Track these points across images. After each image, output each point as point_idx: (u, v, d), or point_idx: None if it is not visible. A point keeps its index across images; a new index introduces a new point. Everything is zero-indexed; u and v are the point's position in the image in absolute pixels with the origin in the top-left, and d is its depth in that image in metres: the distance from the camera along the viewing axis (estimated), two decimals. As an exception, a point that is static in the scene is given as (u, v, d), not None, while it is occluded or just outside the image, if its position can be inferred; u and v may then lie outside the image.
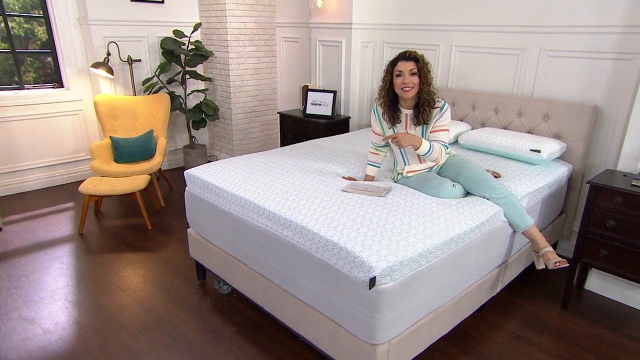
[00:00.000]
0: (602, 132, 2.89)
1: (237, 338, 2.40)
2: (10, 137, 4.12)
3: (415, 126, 2.42)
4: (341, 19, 3.89)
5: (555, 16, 2.95)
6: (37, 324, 2.47)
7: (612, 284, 2.74)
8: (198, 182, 2.57)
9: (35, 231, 3.54)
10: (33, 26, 4.28)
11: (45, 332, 2.41)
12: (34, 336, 2.38)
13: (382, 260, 1.68)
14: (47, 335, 2.38)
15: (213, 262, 2.66)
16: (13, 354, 2.24)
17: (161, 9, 4.59)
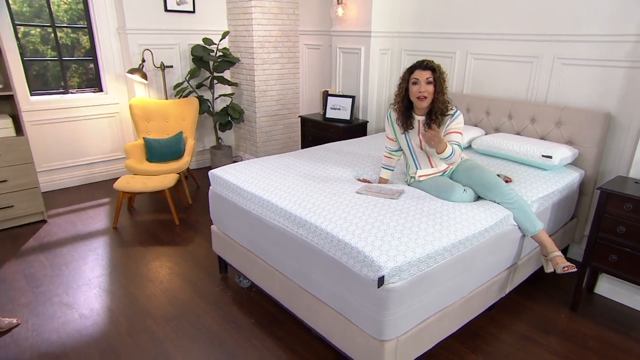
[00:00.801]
0: (615, 138, 2.80)
1: (255, 329, 2.43)
2: (55, 137, 4.27)
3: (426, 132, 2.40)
4: (361, 27, 3.88)
5: (569, 25, 2.87)
6: (75, 309, 2.56)
7: (623, 289, 2.65)
8: (221, 182, 2.61)
9: (75, 224, 3.66)
10: (78, 35, 4.42)
11: (81, 317, 2.49)
12: (72, 320, 2.47)
13: (391, 260, 1.68)
14: (83, 320, 2.47)
15: (234, 257, 2.70)
16: (54, 336, 2.34)
17: (192, 18, 4.67)
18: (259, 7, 4.59)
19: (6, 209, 3.42)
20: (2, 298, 2.64)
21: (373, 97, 4.07)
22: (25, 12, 4.10)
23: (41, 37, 4.29)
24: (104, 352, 2.23)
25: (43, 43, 4.34)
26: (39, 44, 4.32)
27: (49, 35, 4.27)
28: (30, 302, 2.61)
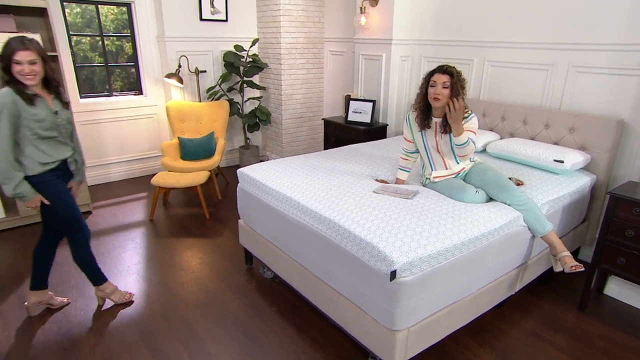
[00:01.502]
0: (628, 145, 2.75)
1: (277, 317, 2.51)
2: (99, 136, 4.49)
3: (442, 134, 2.43)
4: (382, 35, 3.92)
5: (584, 34, 2.84)
6: (114, 293, 2.72)
7: (632, 291, 2.62)
8: (249, 179, 2.71)
9: (116, 215, 3.85)
10: (122, 43, 4.63)
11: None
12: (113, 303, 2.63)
13: (403, 255, 1.73)
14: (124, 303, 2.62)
15: (259, 250, 2.79)
16: (98, 315, 2.49)
17: (225, 26, 4.81)
18: (287, 16, 4.68)
19: (56, 201, 3.63)
20: (55, 279, 2.82)
21: (393, 102, 4.10)
22: (77, 22, 4.32)
23: (90, 45, 4.51)
24: (141, 332, 2.36)
25: (92, 50, 4.56)
26: (88, 51, 4.54)
27: (97, 43, 4.48)
28: (78, 284, 2.78)
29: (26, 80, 2.04)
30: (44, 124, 2.13)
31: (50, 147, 2.21)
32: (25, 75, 2.03)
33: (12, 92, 2.04)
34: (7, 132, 2.03)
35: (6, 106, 2.01)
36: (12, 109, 2.03)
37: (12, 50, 2.00)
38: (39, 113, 2.10)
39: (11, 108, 2.02)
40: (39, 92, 2.14)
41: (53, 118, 2.17)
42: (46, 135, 2.16)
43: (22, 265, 3.01)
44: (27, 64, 2.01)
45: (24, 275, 2.87)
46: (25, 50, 2.01)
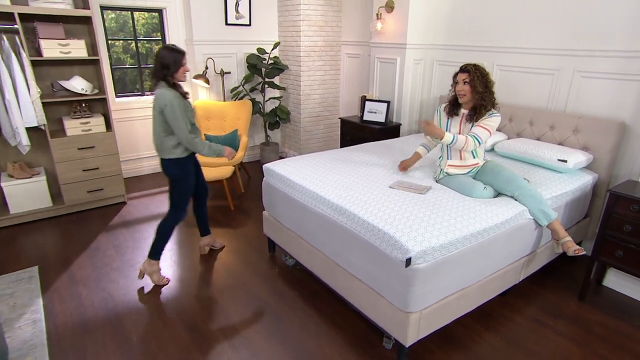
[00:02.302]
0: (629, 146, 2.82)
1: (298, 301, 2.65)
2: (132, 132, 4.67)
3: (468, 122, 2.54)
4: (397, 39, 4.00)
5: (589, 41, 2.91)
6: (151, 276, 2.89)
7: (629, 282, 2.70)
8: (273, 174, 2.84)
9: (148, 206, 4.02)
10: (152, 45, 4.79)
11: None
12: (151, 283, 2.79)
13: (418, 244, 1.85)
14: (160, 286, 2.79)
15: (282, 239, 2.93)
16: (138, 294, 2.66)
17: (248, 30, 4.93)
18: (307, 21, 4.79)
19: (98, 192, 3.82)
20: (99, 262, 3.01)
21: (406, 103, 4.19)
22: (112, 27, 4.49)
23: (122, 47, 4.68)
24: (178, 311, 2.53)
25: (124, 52, 4.73)
26: (121, 53, 4.72)
27: (129, 45, 4.65)
28: (119, 267, 2.97)
29: (185, 78, 2.54)
30: (191, 113, 2.58)
31: (196, 133, 2.65)
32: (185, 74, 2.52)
33: (173, 90, 2.46)
34: (184, 119, 2.47)
35: (176, 100, 2.44)
36: (180, 103, 2.46)
37: (180, 56, 2.45)
38: (189, 105, 2.56)
39: (180, 102, 2.46)
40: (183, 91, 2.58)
41: (193, 110, 2.61)
42: (192, 122, 2.60)
43: (70, 248, 3.20)
44: (187, 64, 2.51)
45: (72, 258, 3.07)
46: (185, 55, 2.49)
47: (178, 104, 2.44)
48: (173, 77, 2.47)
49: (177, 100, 2.44)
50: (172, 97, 2.43)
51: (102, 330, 2.34)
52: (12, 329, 2.30)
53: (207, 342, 2.27)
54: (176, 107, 2.43)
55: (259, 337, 2.32)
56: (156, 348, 2.22)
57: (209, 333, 2.34)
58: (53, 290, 2.69)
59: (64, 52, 3.46)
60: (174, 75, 2.46)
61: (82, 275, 2.86)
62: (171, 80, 2.47)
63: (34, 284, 2.72)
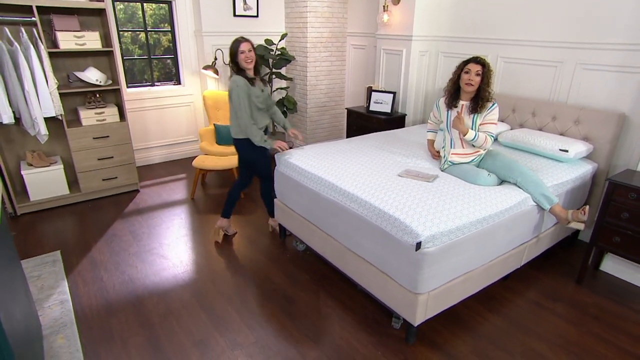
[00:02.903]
0: (628, 136, 2.90)
1: (310, 284, 2.76)
2: (143, 122, 4.75)
3: (469, 114, 2.63)
4: (403, 31, 4.05)
5: (590, 34, 2.97)
6: (169, 260, 3.00)
7: (625, 267, 2.81)
8: (286, 163, 2.93)
9: (160, 194, 4.12)
10: (159, 36, 4.84)
11: (175, 266, 2.92)
12: (168, 267, 2.90)
13: (427, 229, 1.95)
14: (176, 268, 2.89)
15: (293, 225, 3.03)
16: (157, 278, 2.77)
17: (256, 21, 4.97)
18: (313, 12, 4.82)
19: (112, 180, 3.92)
20: (117, 248, 3.12)
21: (412, 93, 4.26)
22: (121, 18, 4.53)
23: (131, 38, 4.73)
24: (195, 293, 2.64)
25: (132, 43, 4.78)
26: (129, 44, 4.76)
27: (137, 36, 4.70)
28: (136, 252, 3.07)
29: (247, 64, 2.75)
30: (259, 99, 2.83)
31: (260, 116, 2.91)
32: (246, 60, 2.73)
33: (241, 77, 2.75)
34: (246, 104, 2.76)
35: (240, 85, 2.72)
36: (245, 89, 2.73)
37: (238, 44, 2.73)
38: (256, 91, 2.81)
39: (244, 88, 2.73)
40: (252, 75, 2.83)
41: (262, 94, 2.88)
42: (260, 107, 2.87)
43: (89, 234, 3.31)
44: (247, 52, 2.73)
45: (91, 243, 3.18)
46: (246, 42, 2.76)
47: (242, 89, 2.72)
48: (238, 65, 2.75)
49: (241, 85, 2.72)
50: (237, 82, 2.72)
51: (124, 311, 2.46)
52: (42, 308, 2.42)
53: (225, 322, 2.39)
54: (239, 91, 2.72)
55: (272, 318, 2.43)
56: (177, 327, 2.34)
57: (226, 313, 2.46)
58: (76, 273, 2.81)
59: (79, 43, 3.52)
60: (238, 63, 2.74)
61: (101, 259, 2.97)
62: (235, 68, 2.77)
63: (58, 267, 2.83)
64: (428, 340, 2.26)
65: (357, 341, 2.26)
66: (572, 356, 2.17)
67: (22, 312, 1.80)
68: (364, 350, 2.20)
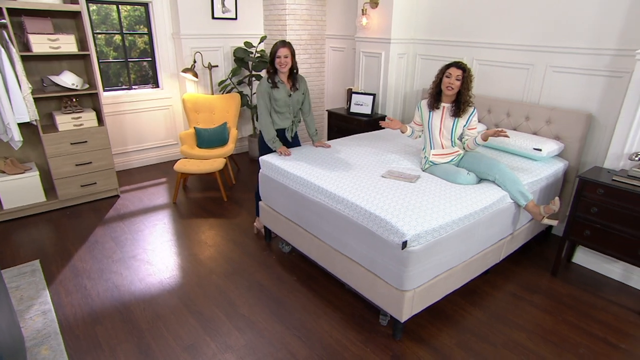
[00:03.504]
0: (595, 135, 3.07)
1: (297, 284, 2.80)
2: (121, 126, 4.66)
3: (450, 117, 2.73)
4: (381, 34, 4.14)
5: (559, 39, 3.12)
6: (154, 265, 2.97)
7: (594, 258, 2.97)
8: (270, 166, 2.95)
9: (142, 199, 4.07)
10: (134, 38, 4.75)
11: (160, 271, 2.90)
12: (153, 273, 2.88)
13: (412, 229, 2.02)
14: (162, 274, 2.87)
15: (278, 227, 3.06)
16: (143, 284, 2.75)
17: (234, 24, 4.97)
18: (292, 15, 4.86)
19: (91, 186, 3.84)
20: (99, 255, 3.06)
21: (391, 95, 4.35)
22: (94, 20, 4.44)
23: (105, 40, 4.63)
24: (182, 298, 2.64)
25: (107, 45, 4.68)
26: (103, 46, 4.66)
27: (112, 38, 4.60)
28: (120, 258, 3.03)
29: (281, 68, 2.91)
30: (278, 102, 2.99)
31: (278, 118, 3.08)
32: (280, 65, 2.89)
33: (266, 79, 2.96)
34: (264, 104, 2.98)
35: (263, 87, 2.96)
36: (266, 90, 2.95)
37: (277, 48, 2.87)
38: (278, 94, 2.98)
39: (265, 89, 2.95)
40: (284, 79, 3.00)
41: (286, 99, 3.01)
42: (279, 110, 3.04)
43: (69, 242, 3.24)
44: (283, 57, 2.87)
45: (72, 251, 3.11)
46: (284, 48, 2.88)
47: (262, 89, 2.95)
48: (273, 66, 2.92)
49: (262, 85, 2.96)
50: (261, 83, 2.98)
51: (111, 319, 2.43)
52: (24, 319, 2.36)
53: (214, 325, 2.40)
54: (260, 91, 2.97)
55: (262, 319, 2.46)
56: (166, 332, 2.33)
57: (215, 317, 2.46)
58: (58, 282, 2.75)
59: (54, 47, 3.44)
60: (273, 65, 2.92)
61: (84, 267, 2.92)
62: (270, 69, 2.95)
63: (37, 277, 2.77)
64: (415, 336, 2.34)
65: (346, 339, 2.31)
66: (549, 344, 2.30)
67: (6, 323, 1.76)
68: (353, 347, 2.25)
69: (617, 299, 2.70)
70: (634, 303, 2.66)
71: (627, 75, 2.82)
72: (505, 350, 2.25)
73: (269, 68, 2.96)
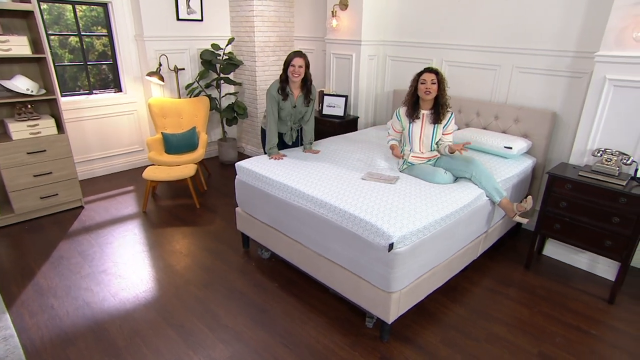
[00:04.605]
0: (559, 133, 3.23)
1: (279, 291, 2.75)
2: (83, 133, 4.42)
3: (430, 124, 2.77)
4: (352, 36, 4.16)
5: (525, 41, 3.26)
6: (127, 279, 2.83)
7: (563, 250, 3.13)
8: (247, 172, 2.89)
9: (108, 209, 3.87)
10: (92, 40, 4.51)
11: (134, 285, 2.76)
12: (127, 287, 2.74)
13: (398, 230, 2.04)
14: (137, 287, 2.74)
15: (257, 233, 2.99)
16: (117, 300, 2.61)
17: (200, 26, 4.83)
18: (260, 16, 4.79)
19: (52, 197, 3.60)
20: (66, 271, 2.88)
21: (363, 96, 4.38)
22: (46, 20, 4.17)
23: (59, 42, 4.37)
24: (160, 312, 2.52)
25: (61, 47, 4.41)
26: (57, 48, 4.40)
27: (66, 40, 4.34)
28: (89, 274, 2.86)
29: (293, 77, 2.97)
30: (283, 111, 3.08)
31: (279, 124, 3.16)
32: (293, 74, 2.95)
33: (277, 86, 3.00)
34: (270, 109, 3.03)
35: (271, 93, 3.01)
36: (273, 96, 3.00)
37: (292, 57, 2.94)
38: (284, 104, 3.05)
39: (273, 94, 3.00)
40: (294, 89, 3.07)
41: (290, 109, 3.10)
42: (282, 118, 3.14)
43: (30, 259, 3.02)
44: (297, 67, 2.94)
45: (34, 268, 2.91)
46: (300, 58, 2.95)
47: (270, 94, 3.02)
48: (285, 73, 2.99)
49: (271, 91, 3.01)
50: (270, 87, 3.03)
51: (84, 339, 2.29)
52: (-15, 347, 2.17)
53: (197, 338, 2.31)
54: (268, 95, 3.04)
55: (246, 329, 2.40)
56: (146, 349, 2.22)
57: (197, 330, 2.38)
58: (19, 303, 2.56)
59: (4, 49, 3.20)
60: (287, 73, 2.98)
61: (49, 285, 2.74)
62: (282, 76, 3.01)
63: (-3, 299, 2.55)
64: (401, 336, 2.36)
65: (334, 343, 2.30)
66: (528, 335, 2.39)
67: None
68: (341, 352, 2.24)
69: (585, 287, 2.85)
70: (601, 291, 2.82)
71: (586, 76, 2.99)
72: (488, 344, 2.32)
73: (282, 75, 3.02)
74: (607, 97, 2.67)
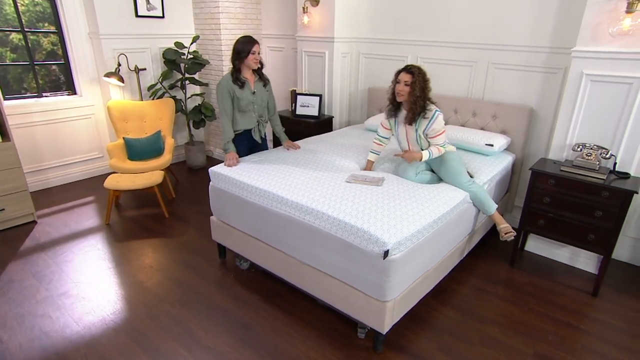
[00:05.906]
0: (537, 128, 3.25)
1: (262, 304, 2.57)
2: (33, 139, 4.02)
3: (406, 125, 2.63)
4: (324, 33, 4.03)
5: (500, 37, 3.26)
6: (91, 300, 2.55)
7: (545, 245, 3.14)
8: (222, 177, 2.68)
9: (66, 222, 3.52)
10: (39, 38, 4.12)
11: (100, 307, 2.50)
12: (92, 310, 2.47)
13: (392, 236, 1.92)
14: (103, 309, 2.48)
15: (234, 243, 2.80)
16: (80, 326, 2.33)
17: (161, 23, 4.54)
18: (225, 13, 4.56)
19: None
20: (18, 296, 2.56)
21: (337, 95, 4.26)
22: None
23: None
24: (131, 335, 2.28)
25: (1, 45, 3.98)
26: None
27: (7, 37, 3.93)
28: (46, 298, 2.56)
29: (255, 65, 2.85)
30: (242, 100, 2.86)
31: (241, 118, 2.95)
32: (255, 61, 2.83)
33: (230, 77, 2.83)
34: (223, 102, 2.84)
35: (223, 85, 2.82)
36: (226, 87, 2.81)
37: (251, 45, 2.79)
38: (242, 93, 2.85)
39: (226, 86, 2.81)
40: (248, 76, 2.90)
41: (250, 97, 2.89)
42: (243, 109, 2.91)
43: (-25, 286, 2.67)
44: (258, 54, 2.83)
45: (-19, 296, 2.56)
46: (258, 44, 2.84)
47: (222, 87, 2.81)
48: (238, 64, 2.83)
49: (222, 83, 2.82)
50: (221, 80, 2.85)
51: (44, 375, 2.02)
52: None
53: (176, 364, 2.10)
54: (219, 89, 2.83)
55: (230, 349, 2.21)
56: (118, 382, 1.99)
57: (175, 353, 2.16)
58: (-35, 337, 2.23)
59: (-63, 48, 2.82)
60: (240, 62, 2.82)
61: (-1, 314, 2.42)
62: (237, 66, 2.84)
63: (-64, 334, 2.22)
64: (395, 345, 2.26)
65: (325, 357, 2.16)
66: (522, 336, 2.35)
67: None
68: (334, 367, 2.10)
69: (569, 281, 2.87)
70: (584, 284, 2.84)
71: (561, 72, 3.01)
72: (483, 347, 2.26)
73: (236, 65, 2.84)
74: (585, 92, 2.69)
